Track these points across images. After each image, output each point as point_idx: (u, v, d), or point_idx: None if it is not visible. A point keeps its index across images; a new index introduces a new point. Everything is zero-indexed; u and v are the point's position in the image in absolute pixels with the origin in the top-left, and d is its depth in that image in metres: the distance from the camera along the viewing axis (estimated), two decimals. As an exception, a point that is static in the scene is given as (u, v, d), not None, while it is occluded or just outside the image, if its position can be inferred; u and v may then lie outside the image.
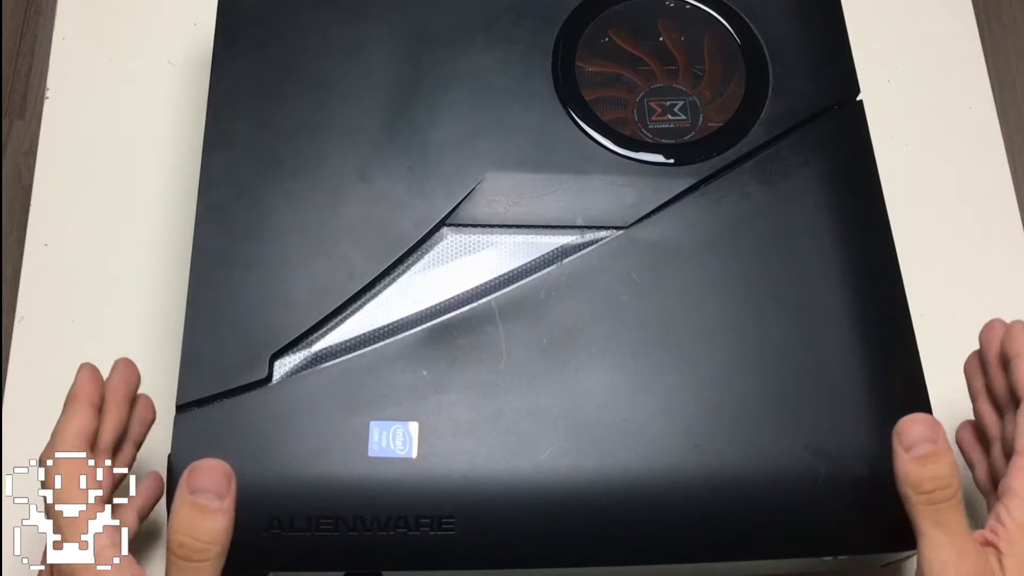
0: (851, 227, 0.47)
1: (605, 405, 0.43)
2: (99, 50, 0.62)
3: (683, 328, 0.45)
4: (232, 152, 0.48)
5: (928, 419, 0.39)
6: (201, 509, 0.36)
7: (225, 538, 0.36)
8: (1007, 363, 0.43)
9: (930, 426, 0.39)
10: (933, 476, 0.38)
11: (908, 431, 0.39)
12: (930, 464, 0.38)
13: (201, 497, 0.36)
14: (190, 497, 0.36)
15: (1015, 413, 0.41)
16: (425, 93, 0.50)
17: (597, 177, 0.48)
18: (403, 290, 0.46)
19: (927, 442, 0.38)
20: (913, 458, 0.38)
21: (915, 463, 0.38)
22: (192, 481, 0.36)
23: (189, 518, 0.36)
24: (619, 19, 0.53)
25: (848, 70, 0.52)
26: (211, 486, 0.36)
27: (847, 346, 0.45)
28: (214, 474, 0.37)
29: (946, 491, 0.38)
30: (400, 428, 0.42)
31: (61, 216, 0.57)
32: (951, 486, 0.38)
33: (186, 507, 0.36)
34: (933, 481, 0.38)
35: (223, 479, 0.37)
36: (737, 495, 0.42)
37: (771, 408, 0.43)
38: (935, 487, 0.38)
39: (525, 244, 0.47)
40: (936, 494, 0.38)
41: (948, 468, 0.38)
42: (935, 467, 0.38)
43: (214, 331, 0.44)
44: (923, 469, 0.38)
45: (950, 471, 0.38)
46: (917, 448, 0.38)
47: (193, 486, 0.36)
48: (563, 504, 0.42)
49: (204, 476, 0.36)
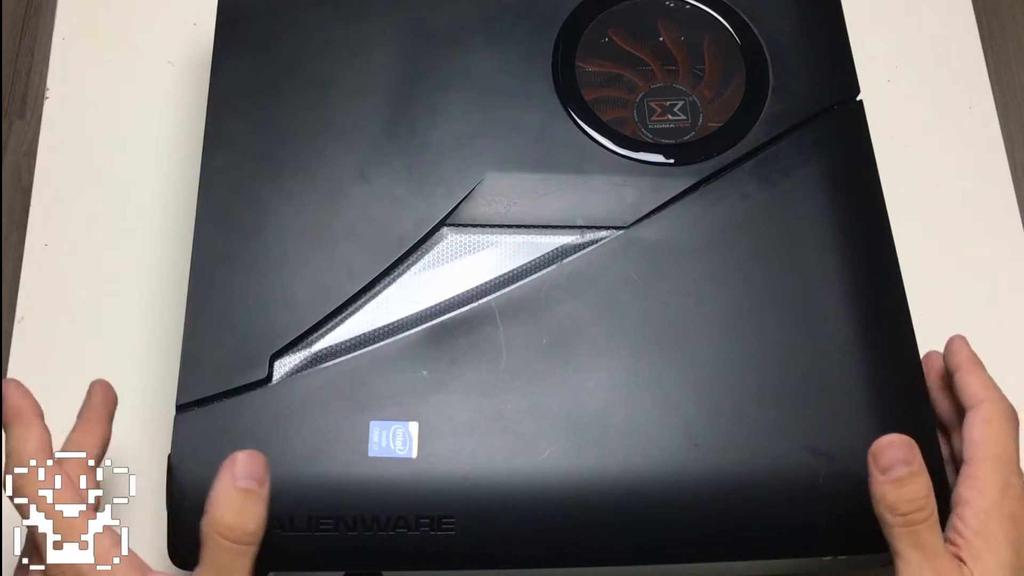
0: (851, 227, 0.47)
1: (605, 405, 0.43)
2: (99, 50, 0.62)
3: (683, 328, 0.45)
4: (232, 152, 0.48)
5: (904, 440, 0.39)
6: (248, 493, 0.37)
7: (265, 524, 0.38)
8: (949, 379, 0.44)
9: (906, 447, 0.39)
10: (909, 498, 0.38)
11: (884, 453, 0.39)
12: (906, 486, 0.38)
13: (245, 482, 0.37)
14: (236, 483, 0.37)
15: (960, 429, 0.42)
16: (425, 93, 0.50)
17: (597, 177, 0.48)
18: (403, 290, 0.46)
19: (902, 464, 0.38)
20: (889, 480, 0.38)
21: (891, 485, 0.38)
22: (235, 469, 0.38)
23: (238, 502, 0.37)
24: (619, 19, 0.53)
25: (848, 70, 0.52)
26: (253, 472, 0.38)
27: (847, 346, 0.45)
28: (255, 461, 0.38)
29: (922, 512, 0.38)
30: (400, 428, 0.42)
31: (61, 216, 0.57)
32: (927, 507, 0.38)
33: (233, 492, 0.37)
34: (910, 503, 0.38)
35: (262, 466, 0.38)
36: (737, 495, 0.42)
37: (771, 408, 0.43)
38: (911, 509, 0.38)
39: (525, 244, 0.47)
40: (913, 516, 0.38)
41: (924, 489, 0.38)
42: (911, 489, 0.38)
43: (214, 331, 0.44)
44: (899, 492, 0.38)
45: (926, 492, 0.38)
46: (893, 470, 0.38)
47: (236, 473, 0.38)
48: (563, 504, 0.42)
49: (246, 463, 0.38)
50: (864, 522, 0.42)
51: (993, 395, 0.42)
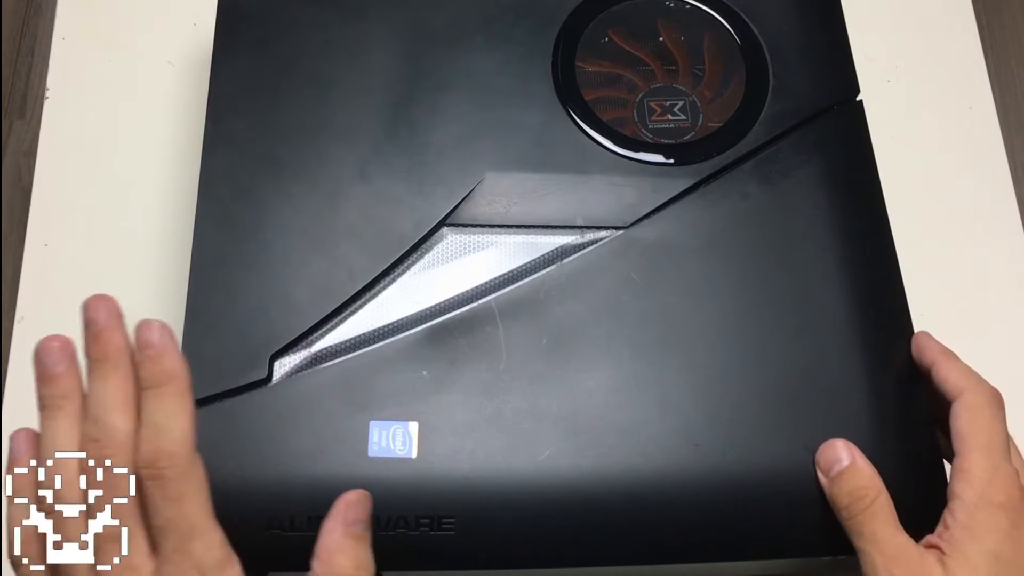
0: (851, 227, 0.47)
1: (605, 405, 0.43)
2: (99, 50, 0.62)
3: (683, 328, 0.45)
4: (232, 152, 0.48)
5: (839, 441, 0.41)
6: (361, 539, 0.38)
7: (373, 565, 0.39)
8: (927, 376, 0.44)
9: (840, 447, 0.41)
10: (848, 491, 0.40)
11: (822, 456, 0.41)
12: (844, 480, 0.40)
13: (356, 527, 0.38)
14: (350, 529, 0.38)
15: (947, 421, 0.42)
16: (425, 93, 0.50)
17: (597, 177, 0.48)
18: (403, 290, 0.46)
19: (837, 462, 0.41)
20: (830, 479, 0.41)
21: (833, 482, 0.40)
22: (348, 514, 0.39)
23: (355, 550, 0.38)
24: (619, 19, 0.53)
25: (848, 70, 0.52)
26: (362, 515, 0.39)
27: (847, 346, 0.45)
28: (366, 504, 0.39)
29: (862, 502, 0.39)
30: (400, 428, 0.42)
31: (61, 216, 0.57)
32: (866, 496, 0.39)
33: (350, 540, 0.38)
34: (849, 495, 0.40)
35: (369, 506, 0.39)
36: (737, 495, 0.42)
37: (771, 408, 0.43)
38: (851, 500, 0.40)
39: (525, 244, 0.47)
40: (853, 507, 0.39)
41: (864, 479, 0.40)
42: (849, 481, 0.40)
43: (214, 331, 0.44)
44: (840, 486, 0.40)
45: (866, 482, 0.40)
46: (831, 469, 0.41)
47: (349, 519, 0.38)
48: (563, 504, 0.42)
49: (358, 507, 0.39)
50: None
51: (973, 382, 0.42)
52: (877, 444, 0.43)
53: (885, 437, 0.43)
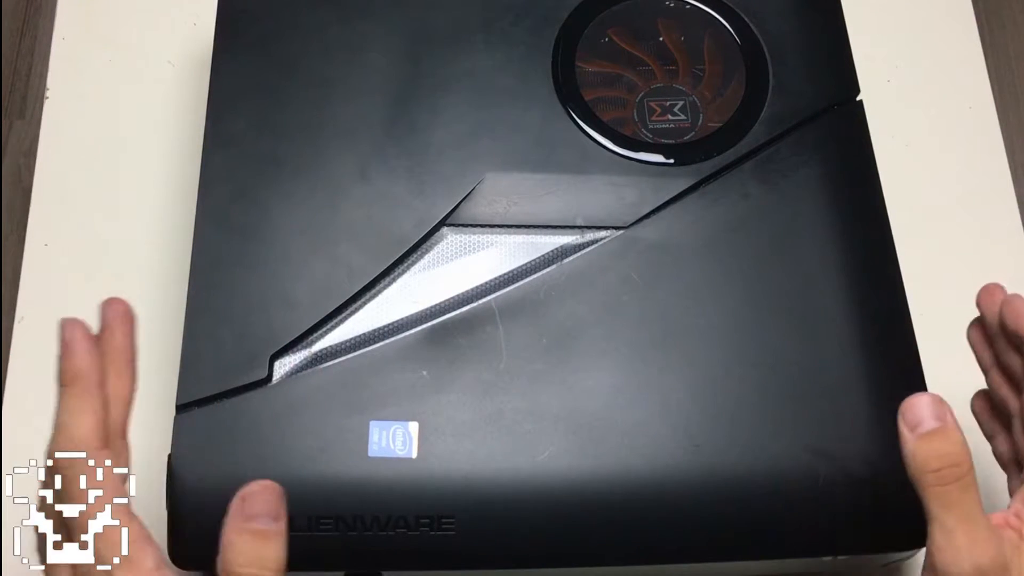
0: (851, 227, 0.47)
1: (605, 405, 0.43)
2: (99, 50, 0.62)
3: (683, 328, 0.45)
4: (232, 152, 0.48)
5: (933, 397, 0.37)
6: (262, 535, 0.34)
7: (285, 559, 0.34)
8: (1017, 340, 0.41)
9: (935, 403, 0.37)
10: (940, 454, 0.36)
11: (912, 410, 0.37)
12: (936, 441, 0.36)
13: (256, 522, 0.34)
14: (247, 525, 0.34)
15: None
16: (425, 93, 0.50)
17: (597, 177, 0.48)
18: (403, 290, 0.46)
19: (932, 419, 0.36)
20: (918, 436, 0.36)
21: (921, 441, 0.36)
22: (247, 508, 0.34)
23: (252, 547, 0.34)
24: (619, 19, 0.53)
25: (848, 70, 0.52)
26: (266, 509, 0.34)
27: (847, 346, 0.45)
28: (267, 496, 0.34)
29: (955, 470, 0.35)
30: (400, 428, 0.42)
31: (61, 216, 0.57)
32: (961, 465, 0.35)
33: (246, 536, 0.34)
34: (940, 459, 0.36)
35: (276, 499, 0.34)
36: (737, 495, 0.42)
37: (771, 408, 0.43)
38: (942, 465, 0.36)
39: (525, 244, 0.47)
40: (944, 473, 0.36)
41: (956, 446, 0.36)
42: (941, 444, 0.36)
43: (214, 331, 0.44)
44: (929, 447, 0.36)
45: (958, 449, 0.36)
46: (922, 425, 0.36)
47: (248, 513, 0.34)
48: (563, 504, 0.42)
49: (257, 500, 0.34)
50: (864, 522, 0.42)
51: None
52: (877, 444, 0.43)
53: (885, 437, 0.43)
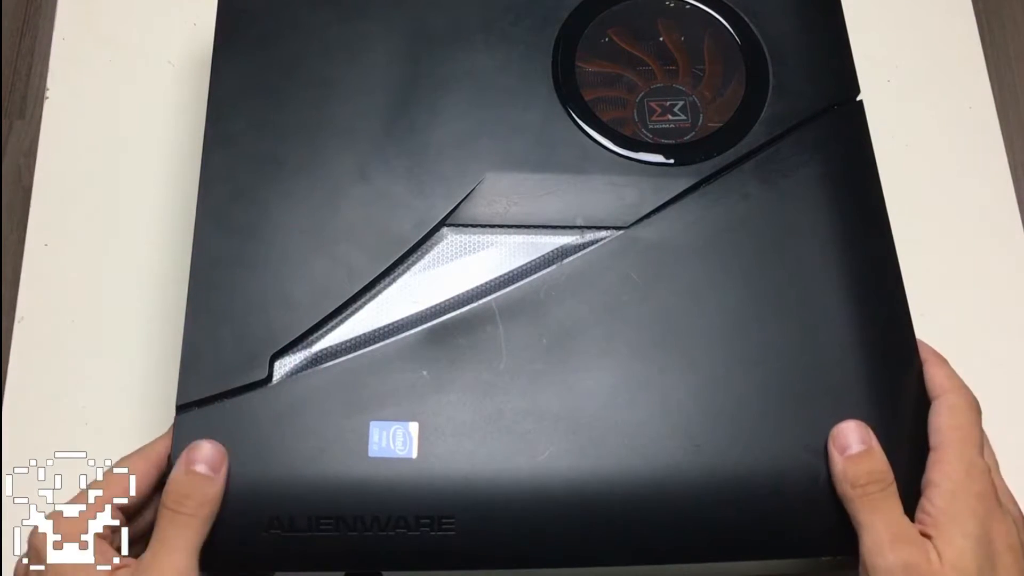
0: (851, 227, 0.47)
1: (605, 405, 0.43)
2: (99, 50, 0.62)
3: (683, 328, 0.45)
4: (232, 152, 0.48)
5: (859, 424, 0.42)
6: (195, 474, 0.40)
7: (215, 504, 0.40)
8: None
9: (861, 429, 0.42)
10: (867, 471, 0.41)
11: (841, 435, 0.42)
12: (863, 461, 0.41)
13: (199, 467, 0.40)
14: (190, 467, 0.40)
15: None
16: (425, 93, 0.50)
17: (597, 177, 0.48)
18: (403, 290, 0.46)
19: (859, 443, 0.42)
20: (847, 457, 0.42)
21: (849, 462, 0.41)
22: (191, 455, 0.41)
23: (187, 481, 0.40)
24: (619, 19, 0.53)
25: (848, 70, 0.52)
26: (207, 460, 0.41)
27: (847, 346, 0.45)
28: (208, 450, 0.41)
29: (879, 483, 0.41)
30: (400, 428, 0.42)
31: (61, 216, 0.57)
32: (884, 479, 0.41)
33: (187, 475, 0.40)
34: (867, 475, 0.41)
35: (218, 456, 0.41)
36: (737, 495, 0.42)
37: (771, 408, 0.43)
38: (869, 480, 0.41)
39: (525, 244, 0.47)
40: (870, 487, 0.41)
41: (880, 464, 0.41)
42: (868, 463, 0.41)
43: (214, 331, 0.44)
44: (858, 466, 0.41)
45: (883, 467, 0.41)
46: (850, 448, 0.42)
47: (191, 459, 0.40)
48: (563, 504, 0.42)
49: (199, 451, 0.41)
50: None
51: (956, 385, 0.44)
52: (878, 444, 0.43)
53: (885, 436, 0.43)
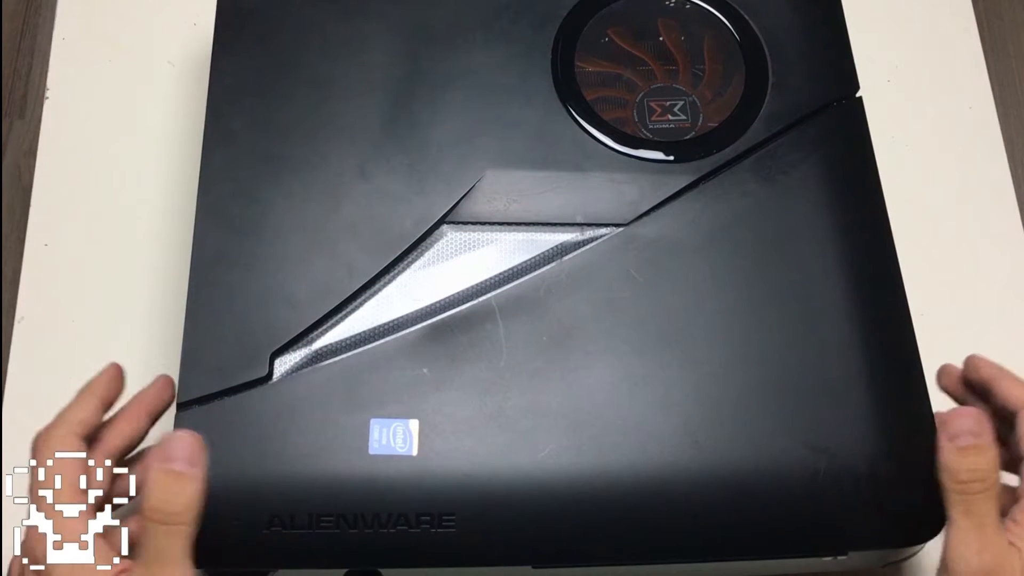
0: (851, 224, 0.47)
1: (605, 402, 0.43)
2: (99, 50, 0.62)
3: (683, 325, 0.45)
4: (232, 150, 0.48)
5: (976, 412, 0.40)
6: (175, 475, 0.37)
7: (199, 502, 0.38)
8: (984, 392, 0.44)
9: (976, 419, 0.40)
10: (971, 468, 0.39)
11: (954, 422, 0.40)
12: (971, 456, 0.39)
13: (174, 464, 0.38)
14: (162, 465, 0.38)
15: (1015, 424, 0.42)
16: (424, 91, 0.50)
17: (597, 174, 0.48)
18: (403, 288, 0.46)
19: (970, 435, 0.39)
20: (955, 448, 0.39)
21: (956, 453, 0.39)
22: (164, 450, 0.38)
23: (163, 483, 0.37)
24: (619, 18, 0.53)
25: (847, 67, 0.52)
26: (183, 454, 0.38)
27: (847, 343, 0.44)
28: (185, 443, 0.38)
29: (982, 483, 0.39)
30: (400, 426, 0.42)
31: (61, 216, 0.57)
32: (987, 479, 0.39)
33: (160, 474, 0.37)
34: (971, 472, 0.39)
35: (194, 447, 0.38)
36: (736, 492, 0.42)
37: (771, 405, 0.43)
38: (971, 478, 0.39)
39: (525, 242, 0.47)
40: (971, 485, 0.39)
41: (988, 463, 0.39)
42: (975, 459, 0.39)
43: (214, 329, 0.44)
44: (963, 460, 0.39)
45: (989, 466, 0.39)
46: (960, 439, 0.40)
47: (164, 455, 0.38)
48: (563, 501, 0.42)
49: (175, 445, 0.38)
50: (863, 519, 0.42)
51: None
52: (876, 441, 0.43)
53: (885, 435, 0.43)
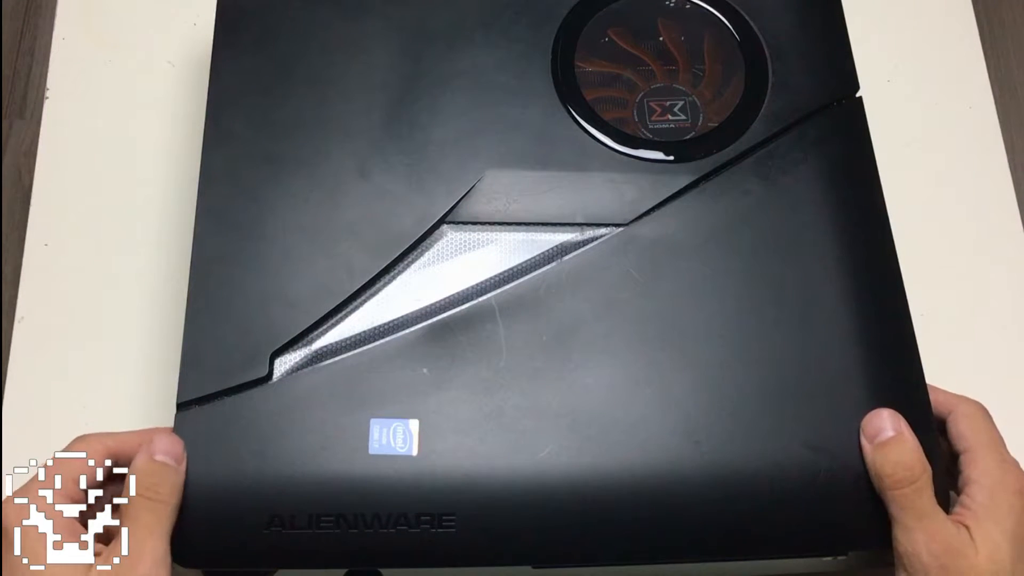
0: (851, 224, 0.47)
1: (605, 402, 0.43)
2: (99, 50, 0.62)
3: (683, 325, 0.45)
4: (232, 150, 0.48)
5: (888, 411, 0.42)
6: (163, 465, 0.40)
7: (180, 494, 0.41)
8: None
9: (890, 416, 0.42)
10: (895, 460, 0.41)
11: (870, 423, 0.42)
12: (892, 448, 0.41)
13: (160, 457, 0.41)
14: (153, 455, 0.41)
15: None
16: (424, 91, 0.50)
17: (597, 174, 0.48)
18: (403, 288, 0.46)
19: (887, 429, 0.41)
20: (875, 446, 0.41)
21: (877, 450, 0.41)
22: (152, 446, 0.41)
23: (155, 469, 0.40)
24: (619, 18, 0.53)
25: (847, 66, 0.52)
26: (169, 451, 0.41)
27: (847, 343, 0.45)
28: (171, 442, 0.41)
29: (909, 473, 0.40)
30: (400, 426, 0.42)
31: (61, 216, 0.57)
32: (914, 470, 0.40)
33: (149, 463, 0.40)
34: (895, 464, 0.40)
35: (178, 448, 0.41)
36: (737, 492, 0.42)
37: (771, 404, 0.43)
38: (896, 471, 0.40)
39: (525, 241, 0.47)
40: (900, 479, 0.40)
41: (910, 454, 0.41)
42: (896, 451, 0.41)
43: (214, 329, 0.44)
44: (885, 454, 0.41)
45: (912, 457, 0.41)
46: (879, 436, 0.41)
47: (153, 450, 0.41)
48: (563, 501, 0.42)
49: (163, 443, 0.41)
50: (863, 519, 0.42)
51: (961, 398, 0.44)
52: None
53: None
